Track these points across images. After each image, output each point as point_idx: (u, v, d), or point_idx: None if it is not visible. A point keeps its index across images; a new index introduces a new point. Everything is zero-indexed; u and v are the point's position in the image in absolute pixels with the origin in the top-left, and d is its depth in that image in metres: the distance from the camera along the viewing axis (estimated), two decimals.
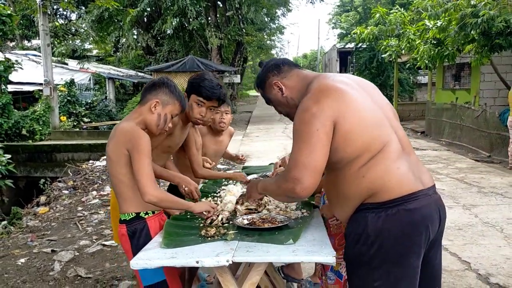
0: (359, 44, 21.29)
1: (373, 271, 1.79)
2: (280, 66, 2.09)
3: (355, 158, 1.78)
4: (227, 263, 1.83)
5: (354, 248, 1.84)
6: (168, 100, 2.34)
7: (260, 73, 2.15)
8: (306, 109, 1.80)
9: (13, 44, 27.87)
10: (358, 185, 1.80)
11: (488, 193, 6.68)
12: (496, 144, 10.11)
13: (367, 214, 1.80)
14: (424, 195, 1.81)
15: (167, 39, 22.06)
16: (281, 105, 2.10)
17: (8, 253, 4.96)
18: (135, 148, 2.15)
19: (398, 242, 1.76)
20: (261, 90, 2.15)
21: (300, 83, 2.02)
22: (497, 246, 4.56)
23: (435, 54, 10.72)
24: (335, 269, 2.39)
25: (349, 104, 1.78)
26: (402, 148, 1.85)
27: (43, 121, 13.94)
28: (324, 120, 1.75)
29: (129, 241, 2.27)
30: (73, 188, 8.40)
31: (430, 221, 1.81)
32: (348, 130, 1.75)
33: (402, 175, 1.79)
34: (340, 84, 1.85)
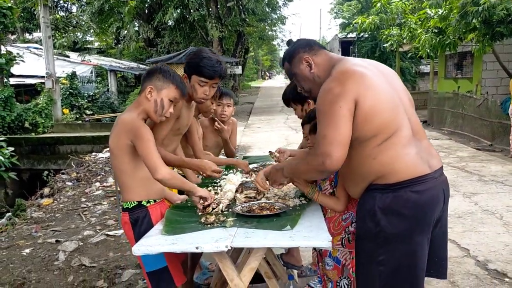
0: (361, 34, 21.22)
1: (378, 247, 1.93)
2: (311, 44, 2.18)
3: (370, 138, 1.90)
4: (226, 248, 1.87)
5: (362, 224, 1.99)
6: (162, 85, 2.33)
7: (290, 49, 2.22)
8: (329, 90, 1.91)
9: (14, 37, 27.88)
10: (369, 166, 1.94)
11: (489, 181, 6.71)
12: (498, 132, 10.11)
13: (376, 193, 1.94)
14: (431, 178, 1.94)
15: (168, 30, 22.02)
16: (306, 81, 2.17)
17: (13, 244, 5.03)
18: (137, 136, 2.20)
19: (403, 221, 1.90)
20: (288, 65, 2.21)
21: (327, 63, 2.11)
22: (496, 233, 4.60)
23: (437, 43, 10.69)
24: (333, 255, 2.43)
25: (369, 86, 1.89)
26: (413, 133, 1.96)
27: (45, 113, 13.99)
28: (347, 99, 1.86)
29: (131, 228, 2.33)
30: (77, 179, 8.47)
31: (435, 202, 1.96)
32: (367, 109, 1.86)
33: (410, 160, 1.91)
34: (360, 68, 1.96)
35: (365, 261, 2.01)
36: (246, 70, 40.07)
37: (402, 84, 2.12)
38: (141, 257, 2.27)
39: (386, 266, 1.93)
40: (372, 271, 1.96)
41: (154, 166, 2.18)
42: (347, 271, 2.42)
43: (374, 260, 1.95)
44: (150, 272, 2.32)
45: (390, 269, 1.92)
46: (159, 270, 2.30)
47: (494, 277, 3.64)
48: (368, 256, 1.98)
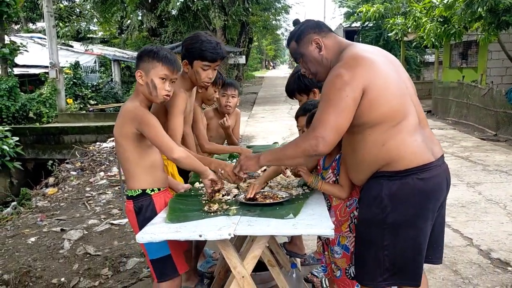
0: (365, 23, 21.09)
1: (384, 231, 1.96)
2: (321, 25, 2.16)
3: (377, 124, 1.91)
4: (229, 236, 1.88)
5: (368, 210, 2.02)
6: (148, 66, 2.27)
7: (299, 28, 2.18)
8: (339, 75, 1.89)
9: (18, 27, 27.89)
10: (376, 152, 1.95)
11: (493, 171, 6.70)
12: (503, 122, 10.06)
13: (382, 180, 1.97)
14: (435, 166, 1.97)
15: (171, 20, 21.92)
16: (314, 63, 2.14)
17: (18, 233, 5.08)
18: (143, 123, 2.20)
19: (409, 207, 1.94)
20: (296, 44, 2.17)
21: (336, 46, 2.10)
22: (500, 223, 4.60)
23: (442, 32, 10.62)
24: (342, 242, 2.43)
25: (378, 73, 1.90)
26: (418, 121, 1.99)
27: (49, 103, 14.01)
28: (355, 87, 1.86)
29: (135, 216, 2.33)
30: (81, 169, 8.51)
31: (439, 189, 2.01)
32: (374, 97, 1.88)
33: (417, 147, 1.94)
34: (370, 55, 1.97)
35: (368, 246, 2.04)
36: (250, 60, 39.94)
37: (406, 73, 2.13)
38: (145, 245, 2.29)
39: (390, 251, 1.97)
40: (375, 255, 2.00)
41: (169, 147, 2.21)
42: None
43: (378, 245, 1.99)
44: (153, 259, 2.33)
45: (394, 254, 1.97)
46: (162, 258, 2.32)
47: (497, 266, 3.65)
48: (372, 241, 2.02)
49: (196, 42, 2.63)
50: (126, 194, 2.39)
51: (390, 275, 2.01)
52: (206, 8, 20.14)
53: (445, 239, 4.10)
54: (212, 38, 2.68)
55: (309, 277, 3.43)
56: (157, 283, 2.39)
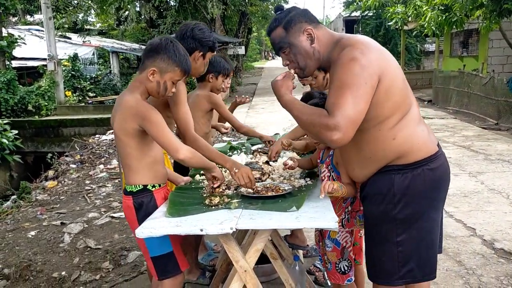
0: (365, 12, 20.95)
1: (397, 226, 1.90)
2: (311, 15, 1.99)
3: (389, 116, 1.83)
4: (231, 230, 1.84)
5: (378, 207, 1.94)
6: (166, 67, 2.15)
7: (286, 15, 1.98)
8: (355, 59, 1.75)
9: (16, 19, 27.71)
10: (388, 147, 1.88)
11: (495, 160, 6.66)
12: (504, 111, 10.02)
13: (393, 175, 1.89)
14: (440, 154, 1.95)
15: (170, 11, 21.76)
16: (303, 55, 1.96)
17: (18, 226, 5.05)
18: (146, 120, 2.10)
19: (422, 200, 1.89)
20: (284, 32, 1.96)
21: (329, 37, 1.95)
22: (503, 212, 4.57)
23: (443, 21, 10.51)
24: (332, 236, 2.40)
25: (388, 61, 1.84)
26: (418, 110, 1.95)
27: (48, 96, 13.96)
28: (372, 73, 1.74)
29: (135, 212, 2.24)
30: (81, 162, 8.48)
31: (447, 177, 1.98)
32: (389, 85, 1.80)
33: (425, 137, 1.91)
34: (374, 43, 1.89)
35: (380, 244, 1.96)
36: (249, 50, 39.74)
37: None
38: (146, 242, 2.21)
39: (404, 245, 1.91)
40: (389, 252, 1.93)
41: (174, 147, 2.12)
42: (347, 253, 2.39)
43: (391, 241, 1.92)
44: (155, 257, 2.25)
45: (409, 249, 1.91)
46: (165, 255, 2.24)
47: (501, 256, 3.62)
48: (384, 238, 1.94)
49: (205, 34, 2.64)
50: (124, 190, 2.30)
51: (407, 272, 1.92)
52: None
53: (449, 229, 4.11)
54: (203, 26, 2.70)
55: (312, 269, 3.41)
56: (157, 280, 2.32)
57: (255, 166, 2.61)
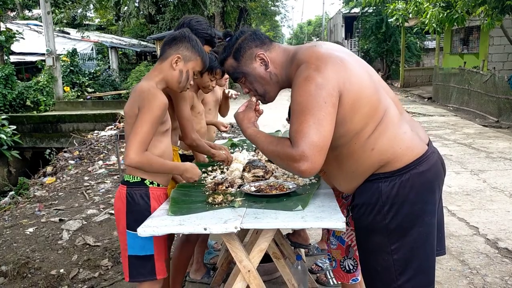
0: (365, 9, 20.87)
1: (389, 237, 1.76)
2: (261, 37, 1.86)
3: (361, 129, 1.70)
4: (235, 230, 1.79)
5: (367, 218, 1.79)
6: (190, 56, 2.16)
7: (236, 42, 1.87)
8: (309, 79, 1.63)
9: (14, 14, 27.56)
10: (367, 159, 1.73)
11: (497, 158, 6.62)
12: (505, 109, 9.98)
13: (380, 183, 1.75)
14: (431, 153, 1.78)
15: (169, 6, 21.67)
16: (260, 82, 1.88)
17: (16, 223, 5.00)
18: (144, 107, 2.02)
19: (413, 205, 1.74)
20: (235, 62, 1.87)
21: (283, 56, 1.84)
22: (506, 211, 4.54)
23: (444, 18, 10.45)
24: (337, 234, 2.36)
25: (350, 71, 1.67)
26: (398, 110, 1.79)
27: (47, 91, 13.88)
28: (330, 90, 1.61)
29: (125, 203, 2.14)
30: (79, 158, 8.42)
31: (440, 177, 1.83)
32: (354, 98, 1.65)
33: (409, 139, 1.74)
34: (335, 52, 1.72)
35: (375, 254, 1.83)
36: None
37: (363, 60, 1.89)
38: (128, 238, 2.11)
39: (399, 254, 1.77)
40: (384, 262, 1.80)
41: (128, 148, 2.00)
42: (352, 252, 2.33)
43: (386, 250, 1.78)
44: (132, 256, 2.12)
45: (405, 256, 1.78)
46: (143, 257, 2.12)
47: (505, 255, 3.58)
48: (376, 248, 1.81)
49: (205, 27, 2.64)
50: (122, 178, 2.21)
51: (406, 280, 1.79)
52: None
53: (451, 228, 4.07)
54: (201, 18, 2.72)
55: (314, 267, 3.37)
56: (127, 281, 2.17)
57: (258, 163, 2.56)
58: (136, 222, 1.95)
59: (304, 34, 67.70)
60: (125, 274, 2.17)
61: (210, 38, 2.65)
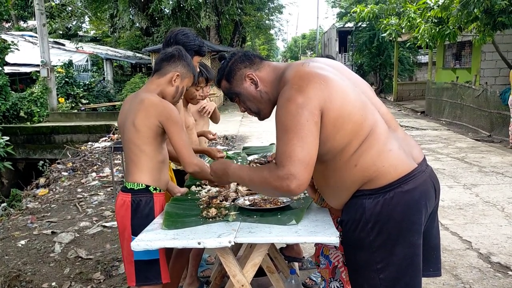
0: (359, 23, 21.08)
1: (374, 254, 1.75)
2: (251, 57, 1.94)
3: (345, 146, 1.71)
4: (229, 244, 1.80)
5: (352, 234, 1.79)
6: (186, 73, 2.35)
7: (227, 65, 1.96)
8: (291, 99, 1.67)
9: (9, 25, 27.58)
10: (351, 175, 1.74)
11: (489, 172, 6.67)
12: (497, 123, 10.07)
13: (364, 200, 1.74)
14: (419, 172, 1.76)
15: (164, 19, 21.78)
16: (252, 101, 1.94)
17: (8, 235, 4.96)
18: (170, 120, 2.19)
19: (398, 224, 1.72)
20: (227, 84, 1.97)
21: (272, 75, 1.89)
22: (498, 225, 4.56)
23: (436, 33, 10.58)
24: (325, 253, 2.35)
25: (333, 90, 1.68)
26: (388, 126, 1.79)
27: (41, 102, 13.86)
28: (312, 109, 1.64)
29: (130, 211, 2.21)
30: (72, 169, 8.39)
31: (427, 197, 1.78)
32: (336, 116, 1.67)
33: (394, 157, 1.73)
34: (319, 70, 1.74)
35: (362, 271, 1.82)
36: None
37: (357, 75, 1.93)
38: None
39: (385, 273, 1.76)
40: (371, 280, 1.79)
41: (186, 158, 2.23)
42: (338, 273, 2.32)
43: (372, 268, 1.77)
44: (138, 261, 2.20)
45: (391, 275, 1.76)
46: (149, 261, 2.20)
47: (498, 270, 3.59)
48: (363, 266, 1.81)
49: (193, 38, 2.67)
50: (124, 187, 2.27)
51: None
52: (199, 7, 20.04)
53: (444, 242, 4.08)
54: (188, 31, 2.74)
55: (308, 282, 3.36)
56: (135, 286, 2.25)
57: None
58: (141, 228, 2.03)
59: (298, 47, 68.21)
60: (130, 279, 2.25)
61: (198, 48, 2.68)
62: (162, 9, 19.87)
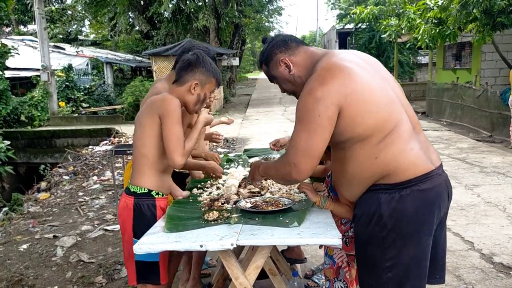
0: (359, 25, 21.10)
1: (385, 251, 1.78)
2: (287, 42, 2.01)
3: (366, 138, 1.75)
4: (232, 246, 1.80)
5: (366, 229, 1.82)
6: (205, 79, 2.33)
7: (266, 49, 2.05)
8: (311, 92, 1.74)
9: (9, 29, 27.64)
10: (370, 166, 1.78)
11: (490, 173, 6.66)
12: (497, 123, 10.05)
13: (380, 194, 1.78)
14: (436, 174, 1.80)
15: (164, 22, 21.80)
16: (287, 83, 2.03)
17: (10, 239, 4.96)
18: (166, 113, 2.16)
19: (411, 222, 1.75)
20: (266, 67, 2.07)
21: (308, 60, 1.95)
22: (500, 226, 4.55)
23: (436, 34, 10.58)
24: (329, 253, 2.36)
25: (357, 86, 1.72)
26: (412, 127, 1.83)
27: (41, 107, 13.87)
28: (328, 104, 1.70)
29: (132, 214, 2.24)
30: (74, 173, 8.39)
31: (441, 200, 1.83)
32: (356, 111, 1.71)
33: (415, 156, 1.77)
34: (348, 63, 1.78)
35: (370, 268, 1.85)
36: (243, 61, 39.89)
37: (391, 74, 1.98)
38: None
39: (393, 272, 1.78)
40: (379, 278, 1.81)
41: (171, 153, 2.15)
42: (342, 274, 2.32)
43: (381, 266, 1.79)
44: (139, 261, 2.23)
45: (398, 275, 1.78)
46: (149, 263, 2.23)
47: (500, 270, 3.59)
48: (373, 263, 1.83)
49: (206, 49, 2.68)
50: (127, 189, 2.30)
51: None
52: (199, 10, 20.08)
53: (447, 243, 4.06)
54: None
55: (310, 284, 3.36)
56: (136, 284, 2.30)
57: None
58: (142, 231, 2.05)
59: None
60: (131, 278, 2.30)
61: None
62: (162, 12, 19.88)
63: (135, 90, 14.80)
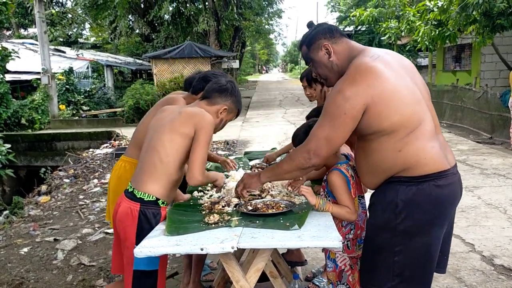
0: (359, 27, 21.14)
1: (396, 238, 1.90)
2: (332, 31, 2.10)
3: (391, 132, 1.86)
4: (232, 249, 1.80)
5: (381, 216, 1.95)
6: (233, 109, 2.46)
7: (310, 33, 2.14)
8: (341, 91, 1.87)
9: (10, 33, 27.69)
10: (393, 158, 1.90)
11: (491, 174, 6.66)
12: (498, 125, 10.06)
13: (398, 186, 1.91)
14: (451, 174, 1.93)
15: (164, 25, 21.85)
16: (323, 68, 2.11)
17: (10, 243, 4.96)
18: (203, 130, 2.20)
19: (424, 214, 1.87)
20: (306, 49, 2.14)
21: (347, 52, 2.05)
22: (501, 228, 4.55)
23: (436, 35, 10.61)
24: (331, 257, 2.36)
25: (385, 87, 1.84)
26: (434, 127, 1.94)
27: (42, 110, 13.88)
28: (355, 104, 1.83)
29: (137, 221, 2.18)
30: (74, 176, 8.39)
31: (455, 197, 1.97)
32: (381, 109, 1.84)
33: (435, 153, 1.89)
34: (379, 64, 1.89)
35: (378, 251, 1.97)
36: (243, 64, 39.93)
37: (421, 77, 2.08)
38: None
39: (401, 256, 1.91)
40: (386, 260, 1.94)
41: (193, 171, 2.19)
42: (345, 277, 2.33)
43: (389, 250, 1.92)
44: (138, 270, 2.18)
45: (405, 261, 1.91)
46: (148, 272, 2.18)
47: (501, 272, 3.58)
48: (382, 246, 1.95)
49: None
50: (131, 194, 2.23)
51: (399, 282, 1.93)
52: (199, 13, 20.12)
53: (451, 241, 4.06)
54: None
55: (311, 286, 3.35)
56: None
57: None
58: None
59: (298, 51, 68.36)
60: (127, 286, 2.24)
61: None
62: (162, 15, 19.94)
63: (135, 93, 14.82)
